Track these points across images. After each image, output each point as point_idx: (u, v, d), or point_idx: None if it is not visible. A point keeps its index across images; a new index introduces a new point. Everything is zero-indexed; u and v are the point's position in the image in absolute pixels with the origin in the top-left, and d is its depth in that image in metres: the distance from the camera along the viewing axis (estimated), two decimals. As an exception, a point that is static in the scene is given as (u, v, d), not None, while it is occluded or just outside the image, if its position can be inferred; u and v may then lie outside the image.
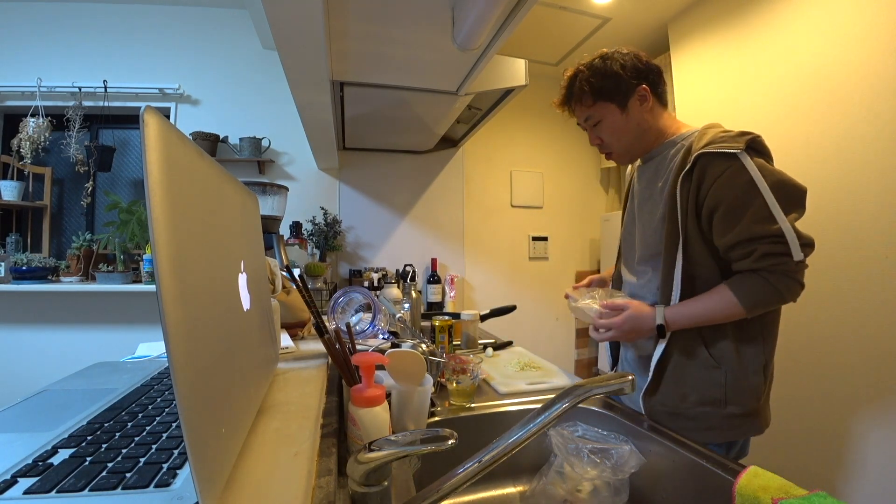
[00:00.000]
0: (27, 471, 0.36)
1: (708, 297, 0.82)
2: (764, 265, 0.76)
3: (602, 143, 0.97)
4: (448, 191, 2.77)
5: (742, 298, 0.78)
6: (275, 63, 1.81)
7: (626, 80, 0.89)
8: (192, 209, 0.34)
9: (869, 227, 1.37)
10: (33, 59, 2.26)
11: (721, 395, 0.83)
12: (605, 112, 0.92)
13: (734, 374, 0.83)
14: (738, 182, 0.77)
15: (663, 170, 0.91)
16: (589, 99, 0.92)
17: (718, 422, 0.84)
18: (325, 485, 0.41)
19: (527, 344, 1.42)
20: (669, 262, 0.86)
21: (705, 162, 0.80)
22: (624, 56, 0.90)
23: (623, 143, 0.95)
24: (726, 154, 0.78)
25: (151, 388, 0.61)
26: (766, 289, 0.77)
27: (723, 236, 0.80)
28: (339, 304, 1.12)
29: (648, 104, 0.91)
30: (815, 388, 1.52)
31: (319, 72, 1.20)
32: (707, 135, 0.84)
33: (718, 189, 0.78)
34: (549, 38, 2.43)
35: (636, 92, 0.90)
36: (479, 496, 0.78)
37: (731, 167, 0.77)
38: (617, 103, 0.91)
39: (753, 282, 0.78)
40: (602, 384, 0.47)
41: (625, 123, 0.92)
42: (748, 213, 0.76)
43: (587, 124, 0.97)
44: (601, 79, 0.90)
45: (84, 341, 2.21)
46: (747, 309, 0.78)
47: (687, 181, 0.82)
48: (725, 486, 0.53)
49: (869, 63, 1.37)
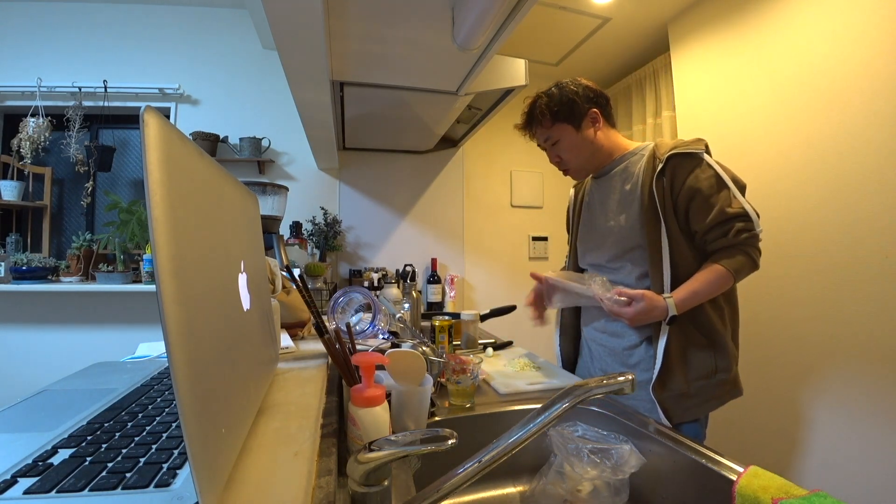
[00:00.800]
0: (27, 471, 0.36)
1: (705, 277, 0.94)
2: (740, 239, 0.92)
3: (560, 161, 1.11)
4: (448, 191, 2.77)
5: (732, 271, 0.92)
6: (275, 63, 1.81)
7: (579, 105, 1.04)
8: (192, 209, 0.34)
9: (868, 226, 1.37)
10: (33, 59, 2.26)
11: (712, 366, 0.97)
12: (563, 132, 1.06)
13: (719, 345, 0.97)
14: (706, 176, 0.94)
15: (630, 176, 1.05)
16: (548, 121, 1.06)
17: (713, 391, 0.97)
18: (325, 485, 0.41)
19: (527, 344, 1.42)
20: (655, 250, 0.98)
21: (676, 162, 0.96)
22: (577, 84, 1.06)
23: (579, 160, 1.09)
24: (692, 154, 0.96)
25: (151, 388, 0.61)
26: (747, 259, 0.93)
27: (702, 221, 0.94)
28: (339, 304, 1.12)
29: (600, 124, 1.06)
30: (815, 388, 1.52)
31: (319, 72, 1.20)
32: (666, 143, 1.00)
33: (692, 183, 0.94)
34: (549, 38, 2.43)
35: (588, 114, 1.05)
36: (479, 496, 0.78)
37: (699, 165, 0.95)
38: (572, 124, 1.05)
39: (736, 255, 0.93)
40: (602, 384, 0.47)
41: (581, 142, 1.06)
42: (720, 200, 0.92)
43: (546, 144, 1.10)
44: (558, 103, 1.04)
45: (84, 341, 2.21)
46: (735, 279, 0.94)
47: (661, 179, 0.97)
48: (725, 486, 0.53)
49: (869, 63, 1.37)
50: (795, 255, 1.58)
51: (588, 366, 1.18)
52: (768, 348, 1.66)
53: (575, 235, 1.23)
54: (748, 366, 1.72)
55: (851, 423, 1.41)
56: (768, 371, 1.66)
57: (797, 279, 1.57)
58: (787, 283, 1.60)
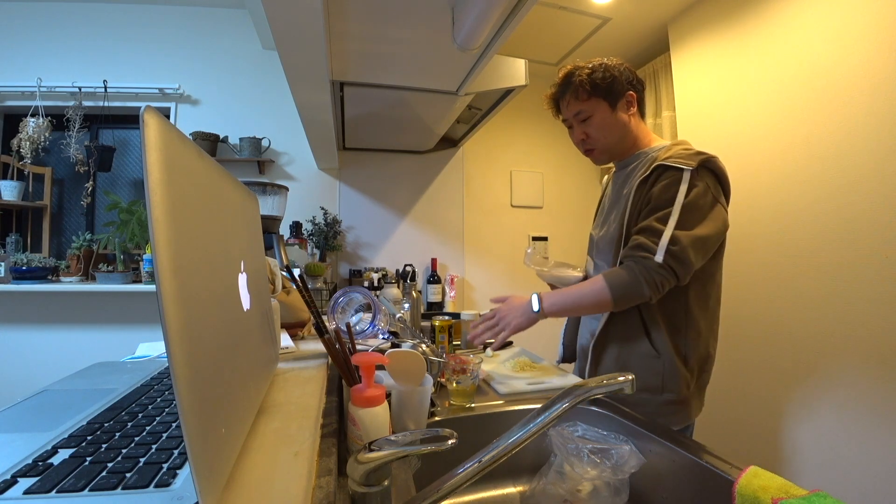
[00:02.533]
0: (27, 471, 0.36)
1: (581, 284, 0.93)
2: (631, 253, 0.89)
3: (587, 139, 1.04)
4: (448, 191, 2.77)
5: (612, 287, 0.88)
6: (275, 63, 1.81)
7: (620, 83, 0.99)
8: (192, 209, 0.34)
9: (868, 226, 1.37)
10: (33, 59, 2.26)
11: (658, 383, 0.93)
12: (597, 108, 1.00)
13: (670, 363, 0.92)
14: (669, 190, 0.89)
15: (633, 178, 1.00)
16: (584, 93, 0.99)
17: (655, 408, 0.93)
18: (325, 485, 0.41)
19: (527, 344, 1.42)
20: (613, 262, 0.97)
21: (659, 171, 0.92)
22: (619, 64, 1.01)
23: (608, 140, 1.03)
24: (676, 168, 0.89)
25: (151, 388, 0.61)
26: (632, 280, 0.86)
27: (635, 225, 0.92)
28: (339, 304, 1.12)
29: (633, 109, 1.02)
30: (814, 389, 1.51)
31: (319, 72, 1.20)
32: (671, 150, 0.95)
33: (655, 191, 0.91)
34: (549, 38, 2.43)
35: (625, 96, 1.00)
36: (479, 496, 0.78)
37: (672, 178, 0.89)
38: (609, 101, 0.99)
39: (620, 272, 0.89)
40: (602, 384, 0.47)
41: (613, 122, 1.00)
42: (655, 213, 0.89)
43: (576, 119, 1.03)
44: (599, 77, 0.98)
45: (84, 341, 2.21)
46: (615, 299, 0.88)
47: (642, 187, 0.94)
48: (725, 486, 0.53)
49: (869, 63, 1.37)
50: (794, 254, 1.58)
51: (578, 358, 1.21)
52: (766, 348, 1.66)
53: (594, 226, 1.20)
54: (746, 366, 1.72)
55: (850, 424, 1.41)
56: (766, 371, 1.66)
57: (796, 279, 1.57)
58: (786, 282, 1.60)
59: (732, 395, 1.77)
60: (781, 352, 1.62)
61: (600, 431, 0.72)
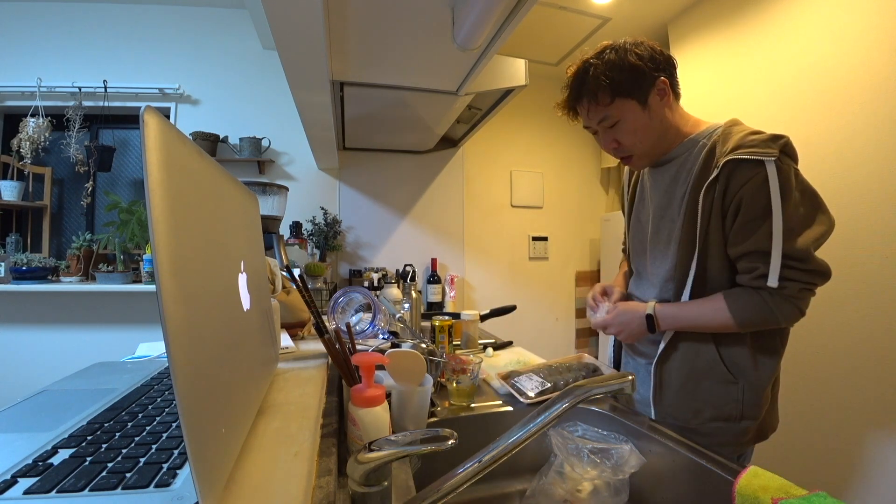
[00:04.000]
0: (27, 471, 0.36)
1: (702, 303, 0.80)
2: (757, 284, 0.74)
3: (619, 147, 0.86)
4: (448, 191, 2.77)
5: (736, 314, 0.75)
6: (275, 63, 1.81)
7: (646, 73, 0.79)
8: (192, 209, 0.34)
9: (868, 226, 1.37)
10: (33, 59, 2.26)
11: (737, 411, 0.81)
12: (625, 110, 0.81)
13: (751, 389, 0.80)
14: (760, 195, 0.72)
15: (684, 174, 0.84)
16: (607, 96, 0.81)
17: (732, 437, 0.82)
18: (325, 485, 0.41)
19: (527, 344, 1.42)
20: (682, 276, 0.83)
21: (731, 168, 0.74)
22: (638, 46, 0.80)
23: (646, 145, 0.85)
24: (754, 161, 0.72)
25: (151, 388, 0.61)
26: (762, 309, 0.74)
27: (735, 245, 0.77)
28: (339, 304, 1.12)
29: (668, 98, 0.82)
30: (813, 390, 1.51)
31: (319, 72, 1.20)
32: (732, 136, 0.77)
33: (742, 197, 0.74)
34: (549, 38, 2.43)
35: (655, 85, 0.80)
36: (479, 496, 0.78)
37: (757, 176, 0.72)
38: (638, 100, 0.80)
39: (751, 299, 0.75)
40: (602, 384, 0.47)
41: (648, 122, 0.82)
42: (761, 228, 0.73)
43: (601, 126, 0.85)
44: (619, 72, 0.79)
45: (84, 341, 2.21)
46: (740, 325, 0.76)
47: (711, 190, 0.77)
48: (725, 486, 0.53)
49: (869, 63, 1.37)
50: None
51: None
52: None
53: (627, 230, 1.04)
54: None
55: (850, 424, 1.41)
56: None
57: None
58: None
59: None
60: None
61: (600, 432, 0.72)
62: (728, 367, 0.81)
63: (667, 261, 0.87)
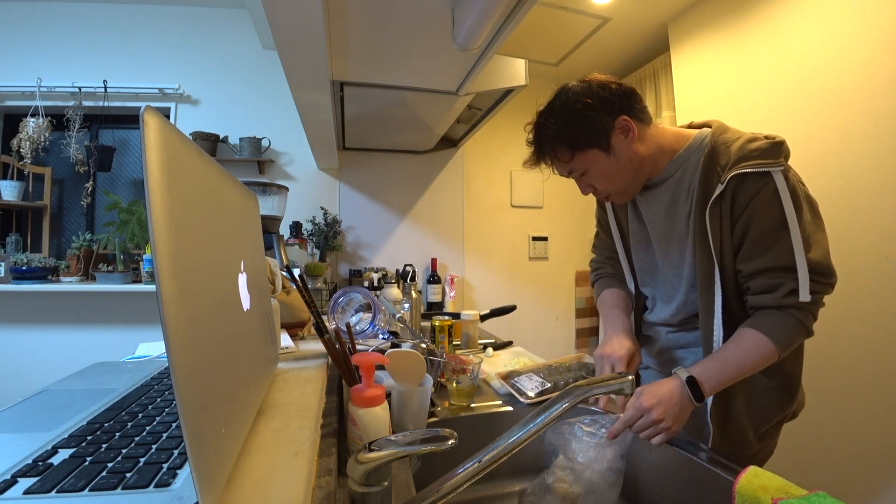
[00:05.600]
0: (27, 471, 0.36)
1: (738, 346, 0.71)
2: (787, 302, 0.70)
3: (596, 191, 0.85)
4: (448, 191, 2.77)
5: (777, 340, 0.69)
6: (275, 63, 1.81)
7: (601, 121, 0.76)
8: (192, 209, 0.34)
9: (868, 227, 1.37)
10: (33, 59, 2.26)
11: (779, 412, 0.82)
12: (589, 161, 0.79)
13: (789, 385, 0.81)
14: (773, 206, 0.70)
15: (683, 193, 0.80)
16: (566, 154, 0.79)
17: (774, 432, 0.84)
18: (325, 485, 0.41)
19: (527, 344, 1.42)
20: (707, 301, 0.77)
21: (737, 181, 0.72)
22: (588, 89, 0.77)
23: (620, 185, 0.83)
24: (761, 173, 0.70)
25: (151, 388, 0.61)
26: (798, 328, 0.70)
27: (749, 260, 0.73)
28: (339, 304, 1.12)
29: (633, 134, 0.78)
30: (813, 389, 1.51)
31: (319, 72, 1.20)
32: (730, 146, 0.75)
33: (753, 211, 0.71)
34: (549, 38, 2.43)
35: (616, 126, 0.77)
36: (479, 496, 0.78)
37: (766, 187, 0.70)
38: (599, 147, 0.77)
39: (783, 321, 0.70)
40: (602, 384, 0.47)
41: (616, 166, 0.79)
42: (779, 241, 0.70)
43: (573, 176, 0.85)
44: (571, 128, 0.77)
45: (84, 341, 2.21)
46: (782, 352, 0.70)
47: (718, 205, 0.74)
48: (725, 486, 0.53)
49: (869, 63, 1.37)
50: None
51: None
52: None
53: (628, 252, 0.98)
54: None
55: (852, 425, 1.41)
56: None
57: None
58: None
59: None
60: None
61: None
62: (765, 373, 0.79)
63: (681, 283, 0.84)
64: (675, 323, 0.89)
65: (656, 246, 0.88)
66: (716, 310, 0.76)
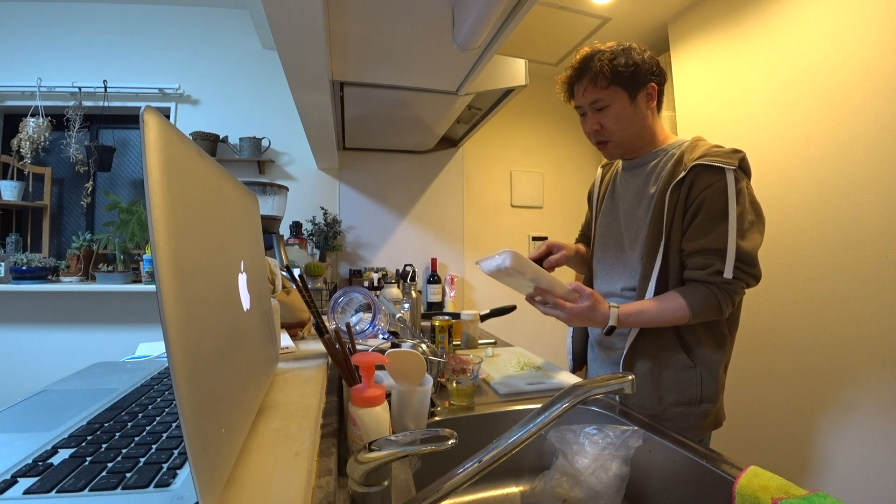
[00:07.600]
0: (27, 471, 0.36)
1: (660, 302, 0.87)
2: (713, 280, 0.84)
3: (601, 130, 0.96)
4: (448, 191, 2.77)
5: (693, 307, 0.84)
6: (275, 63, 1.81)
7: (643, 73, 0.91)
8: (192, 209, 0.34)
9: (868, 227, 1.36)
10: (33, 59, 2.26)
11: (696, 394, 0.90)
12: (616, 98, 0.92)
13: (708, 372, 0.90)
14: (720, 198, 0.84)
15: (654, 178, 0.95)
16: (604, 80, 0.91)
17: (694, 420, 0.90)
18: (325, 485, 0.41)
19: (527, 344, 1.42)
20: (648, 266, 0.91)
21: (697, 172, 0.86)
22: (643, 52, 0.93)
23: (624, 134, 0.95)
24: (716, 168, 0.84)
25: (151, 388, 0.61)
26: (713, 302, 0.84)
27: (692, 241, 0.86)
28: (339, 304, 1.12)
29: (653, 103, 0.95)
30: (812, 389, 1.51)
31: (319, 72, 1.20)
32: (699, 147, 0.90)
33: (704, 199, 0.85)
34: (549, 38, 2.43)
35: (647, 87, 0.93)
36: (479, 496, 0.78)
37: (719, 181, 0.84)
38: (629, 92, 0.92)
39: (704, 294, 0.84)
40: (602, 384, 0.47)
41: (632, 114, 0.93)
42: (716, 229, 0.83)
43: (592, 107, 0.95)
44: (621, 64, 0.90)
45: (84, 341, 2.21)
46: (694, 317, 0.85)
47: (677, 190, 0.88)
48: (725, 486, 0.53)
49: (869, 63, 1.37)
50: (795, 255, 1.58)
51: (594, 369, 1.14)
52: (766, 350, 1.66)
53: (595, 224, 1.13)
54: (743, 369, 1.72)
55: (853, 426, 1.41)
56: (767, 375, 1.66)
57: (796, 279, 1.57)
58: (786, 283, 1.60)
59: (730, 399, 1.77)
60: (779, 354, 1.62)
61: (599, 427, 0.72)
62: (687, 353, 0.91)
63: (635, 254, 0.96)
64: (618, 292, 1.01)
65: (623, 221, 1.02)
66: (653, 275, 0.90)
